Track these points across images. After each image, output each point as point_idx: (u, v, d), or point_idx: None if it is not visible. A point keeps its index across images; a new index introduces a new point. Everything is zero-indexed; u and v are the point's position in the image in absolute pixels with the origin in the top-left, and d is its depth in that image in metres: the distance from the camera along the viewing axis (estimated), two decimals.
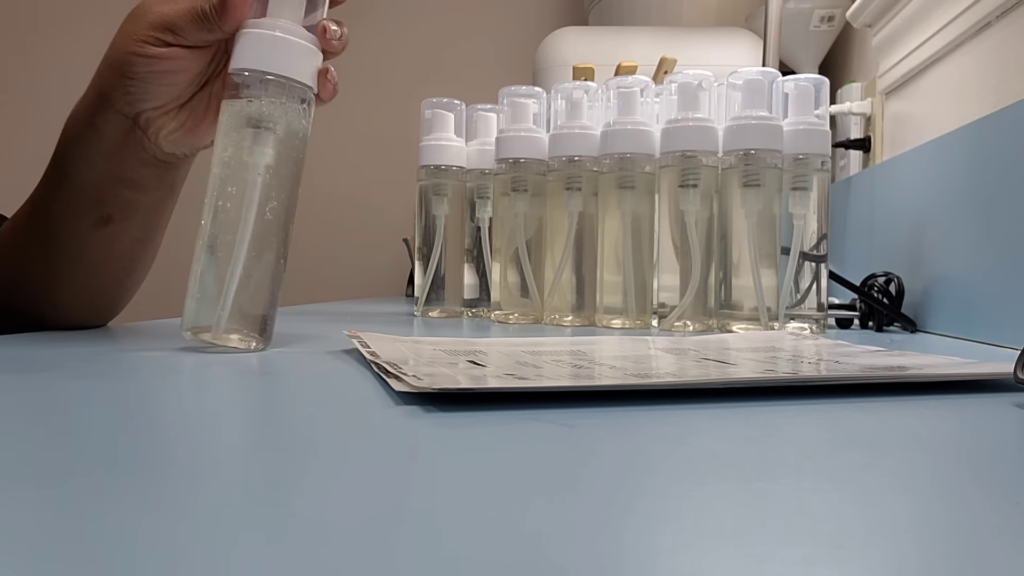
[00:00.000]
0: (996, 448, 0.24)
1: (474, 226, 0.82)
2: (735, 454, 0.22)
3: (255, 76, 0.43)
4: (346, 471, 0.19)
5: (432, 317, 0.79)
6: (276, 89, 0.43)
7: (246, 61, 0.43)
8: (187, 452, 0.21)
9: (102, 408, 0.27)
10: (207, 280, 0.42)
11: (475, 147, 0.81)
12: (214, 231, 0.42)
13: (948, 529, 0.16)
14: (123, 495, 0.16)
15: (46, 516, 0.15)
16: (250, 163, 0.42)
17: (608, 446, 0.22)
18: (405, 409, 0.27)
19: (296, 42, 0.43)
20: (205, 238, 0.42)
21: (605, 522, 0.15)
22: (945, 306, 0.67)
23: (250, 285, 0.42)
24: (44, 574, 0.12)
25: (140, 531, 0.14)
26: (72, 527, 0.14)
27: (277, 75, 0.43)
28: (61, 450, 0.20)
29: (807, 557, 0.14)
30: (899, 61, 0.92)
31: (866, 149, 1.04)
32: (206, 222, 0.42)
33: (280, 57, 0.43)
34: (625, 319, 0.67)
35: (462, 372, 0.33)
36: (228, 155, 0.43)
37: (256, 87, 0.43)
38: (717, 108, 0.68)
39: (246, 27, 0.43)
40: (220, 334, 0.42)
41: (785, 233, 0.65)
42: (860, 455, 0.22)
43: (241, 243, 0.41)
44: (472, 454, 0.21)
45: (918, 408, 0.29)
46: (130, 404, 0.28)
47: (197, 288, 0.42)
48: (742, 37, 1.24)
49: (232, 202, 0.42)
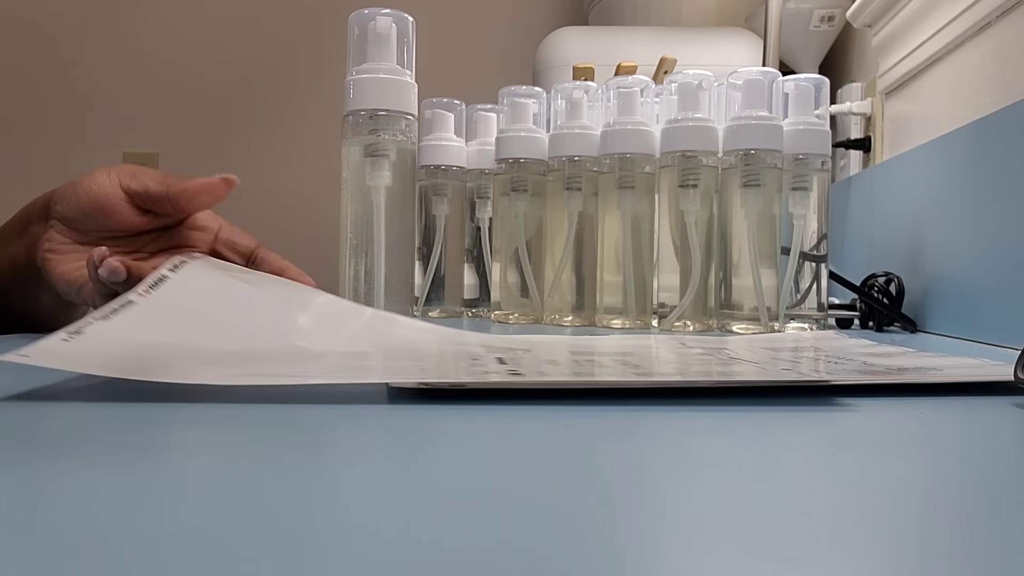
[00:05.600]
0: (996, 448, 0.24)
1: (474, 226, 0.82)
2: (735, 454, 0.22)
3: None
4: (344, 466, 0.19)
5: (432, 317, 0.79)
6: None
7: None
8: (187, 452, 0.21)
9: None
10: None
11: (475, 147, 0.81)
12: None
13: (948, 529, 0.16)
14: (135, 498, 0.16)
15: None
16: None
17: (607, 445, 0.22)
18: (405, 404, 0.27)
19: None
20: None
21: (604, 522, 0.15)
22: (945, 306, 0.67)
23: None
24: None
25: (141, 530, 0.14)
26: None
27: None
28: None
29: (807, 557, 0.14)
30: (899, 61, 0.92)
31: (866, 149, 1.04)
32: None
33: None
34: (625, 319, 0.67)
35: (464, 369, 0.33)
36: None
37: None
38: (717, 108, 0.68)
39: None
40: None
41: (785, 233, 0.65)
42: (860, 455, 0.22)
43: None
44: (472, 453, 0.21)
45: (918, 408, 0.29)
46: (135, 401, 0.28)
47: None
48: (742, 37, 1.24)
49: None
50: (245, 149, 1.92)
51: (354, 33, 0.50)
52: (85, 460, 0.19)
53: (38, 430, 0.24)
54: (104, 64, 1.92)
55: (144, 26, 1.93)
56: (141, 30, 1.92)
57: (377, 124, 0.49)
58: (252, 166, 1.91)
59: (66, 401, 0.27)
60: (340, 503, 0.16)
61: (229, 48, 1.92)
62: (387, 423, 0.25)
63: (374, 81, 0.49)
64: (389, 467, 0.20)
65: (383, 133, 0.49)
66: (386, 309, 0.48)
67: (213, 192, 0.45)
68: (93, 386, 0.29)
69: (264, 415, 0.26)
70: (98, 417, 0.25)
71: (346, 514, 0.16)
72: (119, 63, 1.92)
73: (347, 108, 0.49)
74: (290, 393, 0.29)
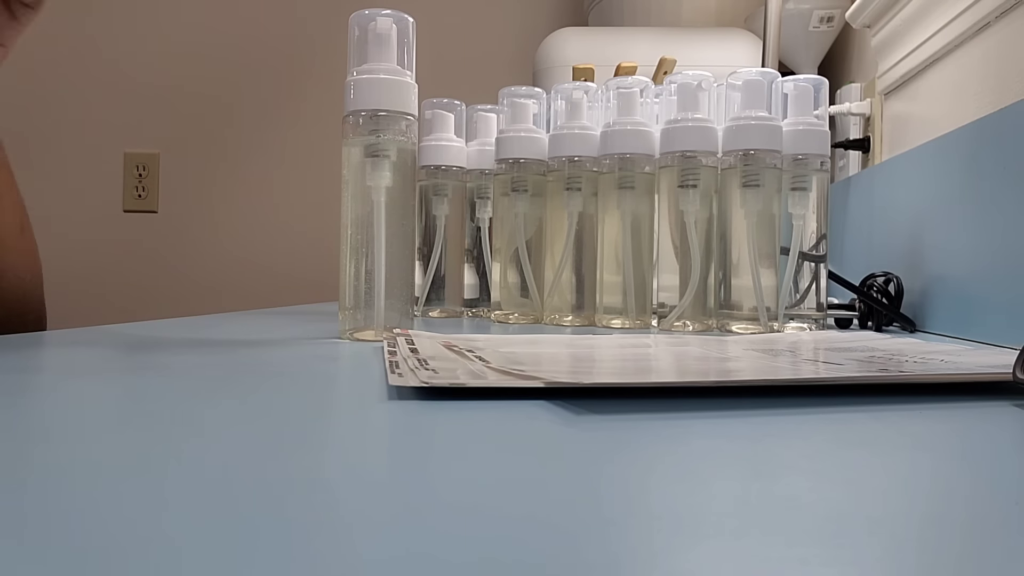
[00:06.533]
0: (996, 448, 0.24)
1: (474, 226, 0.82)
2: (735, 454, 0.22)
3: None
4: (342, 463, 0.19)
5: (432, 317, 0.79)
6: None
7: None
8: (188, 451, 0.21)
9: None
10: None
11: (475, 147, 0.81)
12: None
13: (948, 529, 0.16)
14: (132, 497, 0.16)
15: None
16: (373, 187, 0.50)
17: (607, 444, 0.23)
18: (409, 402, 0.27)
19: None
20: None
21: (604, 521, 0.16)
22: (944, 306, 0.68)
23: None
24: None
25: (144, 529, 0.14)
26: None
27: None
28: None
29: (807, 557, 0.14)
30: (898, 61, 0.92)
31: (865, 149, 1.04)
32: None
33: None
34: (625, 319, 0.67)
35: (463, 367, 0.33)
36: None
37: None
38: (717, 108, 0.68)
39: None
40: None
41: (784, 233, 0.65)
42: (860, 455, 0.22)
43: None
44: (471, 452, 0.21)
45: (917, 407, 0.29)
46: (118, 402, 0.28)
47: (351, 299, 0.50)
48: (741, 37, 1.24)
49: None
50: (245, 149, 1.92)
51: (354, 33, 0.50)
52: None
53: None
54: (104, 64, 1.92)
55: (144, 26, 1.93)
56: (141, 30, 1.92)
57: (377, 124, 0.49)
58: (252, 166, 1.91)
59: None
60: (340, 503, 0.17)
61: (229, 48, 1.92)
62: (389, 421, 0.25)
63: (374, 82, 0.49)
64: (388, 462, 0.20)
65: (383, 133, 0.49)
66: (386, 309, 0.48)
67: None
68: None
69: (264, 415, 0.26)
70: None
71: (345, 512, 0.16)
72: (119, 63, 1.92)
73: (347, 108, 0.49)
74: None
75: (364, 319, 0.49)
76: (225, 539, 0.14)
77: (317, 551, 0.13)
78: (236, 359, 0.41)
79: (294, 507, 0.16)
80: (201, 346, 0.48)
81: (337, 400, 0.31)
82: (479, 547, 0.14)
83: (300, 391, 0.32)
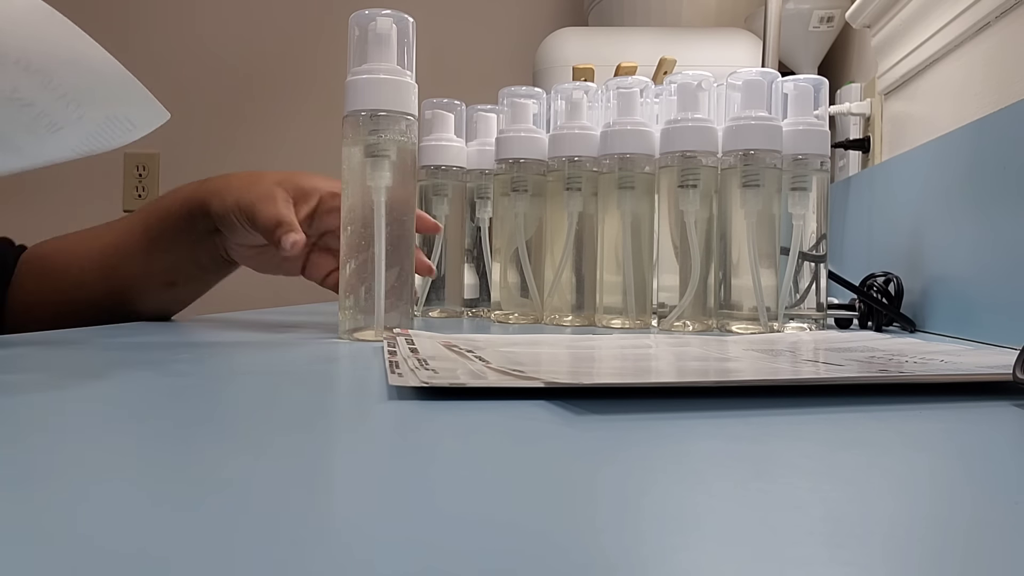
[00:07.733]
0: (995, 448, 0.24)
1: (474, 226, 0.82)
2: (735, 454, 0.22)
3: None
4: (342, 463, 0.19)
5: (432, 317, 0.79)
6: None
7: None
8: (187, 450, 0.21)
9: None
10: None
11: (475, 147, 0.81)
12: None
13: (947, 529, 0.16)
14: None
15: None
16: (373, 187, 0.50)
17: (607, 444, 0.23)
18: (409, 402, 0.27)
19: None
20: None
21: (604, 521, 0.16)
22: (944, 306, 0.68)
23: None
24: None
25: (152, 525, 0.14)
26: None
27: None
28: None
29: (807, 557, 0.14)
30: (898, 61, 0.92)
31: (865, 149, 1.04)
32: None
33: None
34: (625, 319, 0.67)
35: (463, 367, 0.33)
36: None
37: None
38: (716, 108, 0.68)
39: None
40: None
41: (784, 233, 0.65)
42: (859, 455, 0.22)
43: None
44: (471, 452, 0.21)
45: (917, 407, 0.29)
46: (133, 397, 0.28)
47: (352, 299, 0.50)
48: (741, 37, 1.24)
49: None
50: (245, 149, 1.92)
51: (354, 34, 0.50)
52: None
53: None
54: None
55: (144, 26, 1.93)
56: (141, 30, 1.92)
57: (377, 125, 0.49)
58: (252, 166, 1.91)
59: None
60: (340, 503, 0.17)
61: (230, 48, 1.92)
62: (389, 421, 0.25)
63: (374, 82, 0.49)
64: (387, 461, 0.20)
65: (383, 133, 0.49)
66: (386, 309, 0.48)
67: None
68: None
69: (264, 415, 0.26)
70: None
71: (345, 512, 0.16)
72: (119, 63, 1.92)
73: (347, 109, 0.49)
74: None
75: (364, 319, 0.49)
76: (225, 539, 0.14)
77: (317, 551, 0.13)
78: (236, 359, 0.41)
79: (294, 507, 0.16)
80: (201, 346, 0.48)
81: (337, 400, 0.31)
82: (479, 547, 0.14)
83: (300, 391, 0.32)
